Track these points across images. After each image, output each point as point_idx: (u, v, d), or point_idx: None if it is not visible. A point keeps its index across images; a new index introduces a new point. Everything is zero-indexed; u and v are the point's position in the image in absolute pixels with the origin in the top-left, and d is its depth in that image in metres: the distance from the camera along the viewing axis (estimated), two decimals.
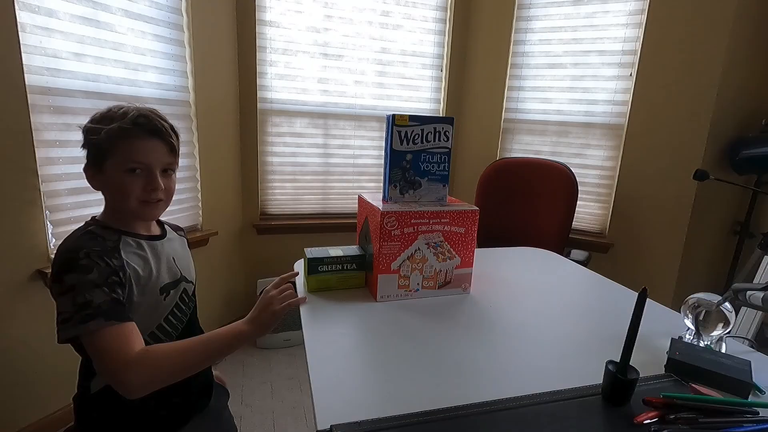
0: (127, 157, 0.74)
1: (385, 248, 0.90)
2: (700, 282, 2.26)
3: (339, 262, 0.97)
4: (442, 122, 0.96)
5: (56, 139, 1.48)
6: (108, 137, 0.73)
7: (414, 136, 0.95)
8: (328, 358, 0.69)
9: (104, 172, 0.75)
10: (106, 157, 0.75)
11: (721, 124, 2.03)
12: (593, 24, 2.18)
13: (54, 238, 1.51)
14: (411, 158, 0.96)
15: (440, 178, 1.00)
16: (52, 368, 1.59)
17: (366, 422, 0.54)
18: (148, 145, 0.76)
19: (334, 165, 2.47)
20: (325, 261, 0.96)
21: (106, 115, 0.76)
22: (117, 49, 1.62)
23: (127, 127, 0.74)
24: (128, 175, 0.75)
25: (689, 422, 0.56)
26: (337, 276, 0.98)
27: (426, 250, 0.93)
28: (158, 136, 0.77)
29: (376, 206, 0.92)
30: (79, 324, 0.66)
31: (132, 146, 0.75)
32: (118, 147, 0.74)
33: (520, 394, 0.61)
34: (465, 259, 0.97)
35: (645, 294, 0.57)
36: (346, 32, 2.31)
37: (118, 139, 0.74)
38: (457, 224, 0.94)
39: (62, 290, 0.68)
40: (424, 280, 0.95)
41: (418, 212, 0.91)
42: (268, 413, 1.80)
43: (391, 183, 0.97)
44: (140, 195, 0.77)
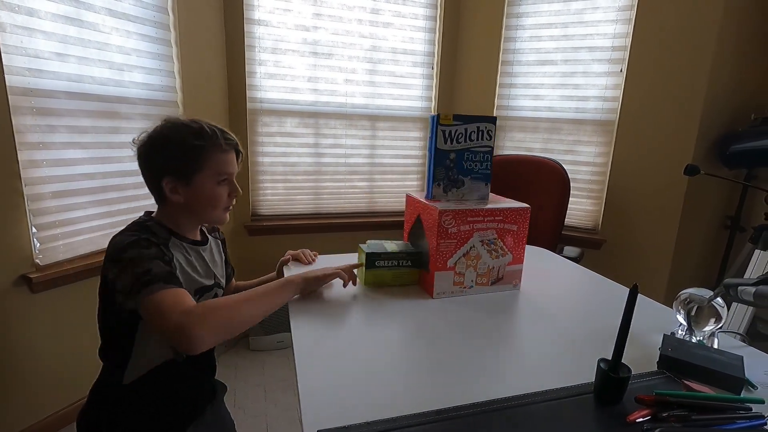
0: (218, 170, 0.83)
1: (442, 246, 0.91)
2: (692, 277, 2.27)
3: (395, 258, 0.98)
4: (485, 121, 0.99)
5: (39, 141, 1.45)
6: (206, 154, 0.81)
7: (458, 135, 0.97)
8: (316, 360, 0.67)
9: (192, 184, 0.82)
10: (197, 171, 0.82)
11: (710, 119, 2.04)
12: (583, 20, 2.18)
13: (38, 242, 1.48)
14: (454, 157, 0.98)
15: (483, 176, 1.01)
16: (37, 374, 1.56)
17: (354, 426, 0.53)
18: (231, 158, 0.86)
19: (325, 164, 2.45)
20: (383, 256, 0.97)
21: (195, 133, 0.81)
22: (101, 49, 1.59)
23: (220, 143, 0.83)
24: (218, 186, 0.84)
25: (682, 420, 0.55)
26: (393, 272, 0.98)
27: (480, 248, 0.95)
28: (236, 150, 0.88)
29: (432, 205, 0.93)
30: (142, 288, 0.70)
31: (222, 160, 0.84)
32: (211, 161, 0.82)
33: (511, 394, 0.60)
34: (516, 255, 0.98)
35: (636, 291, 0.56)
36: (336, 30, 2.29)
37: (211, 154, 0.82)
38: (510, 222, 0.96)
39: (122, 267, 0.72)
40: (478, 276, 0.96)
41: (473, 210, 0.92)
42: (261, 416, 1.78)
43: (435, 181, 0.99)
44: (226, 202, 0.87)
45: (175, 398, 0.86)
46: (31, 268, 1.48)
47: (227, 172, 0.85)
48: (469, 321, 0.83)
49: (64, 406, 1.65)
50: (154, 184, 0.83)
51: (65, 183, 1.53)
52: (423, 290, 0.98)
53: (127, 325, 0.79)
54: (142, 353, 0.80)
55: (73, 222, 1.57)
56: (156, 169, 0.82)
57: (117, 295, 0.73)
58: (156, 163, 0.82)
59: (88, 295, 1.68)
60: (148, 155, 0.83)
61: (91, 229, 1.64)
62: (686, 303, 0.77)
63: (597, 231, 2.32)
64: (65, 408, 1.65)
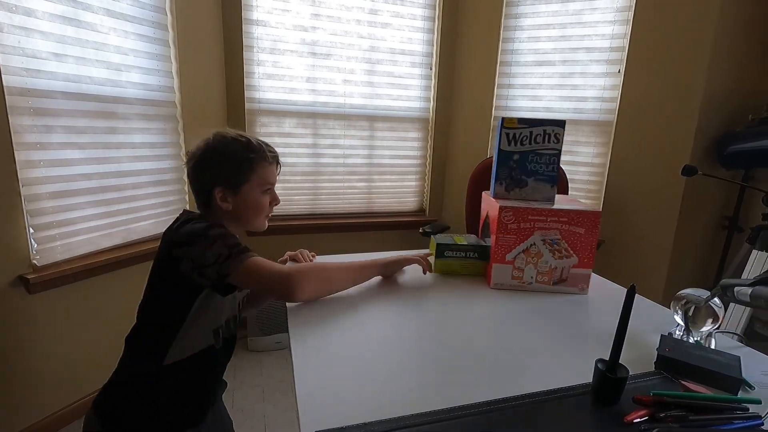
0: (263, 181, 0.91)
1: (501, 240, 0.96)
2: (689, 277, 2.27)
3: (463, 249, 1.06)
4: (552, 125, 1.00)
5: (37, 141, 1.45)
6: (255, 166, 0.89)
7: (522, 138, 1.00)
8: (314, 361, 0.67)
9: (240, 193, 0.89)
10: (245, 181, 0.89)
11: (708, 120, 2.05)
12: (581, 21, 2.18)
13: (36, 243, 1.48)
14: (518, 158, 1.01)
15: (548, 178, 1.03)
16: (35, 375, 1.56)
17: (351, 428, 0.53)
18: (274, 169, 0.94)
19: (323, 165, 2.45)
20: (451, 247, 1.06)
21: (245, 146, 0.88)
22: (99, 49, 1.59)
23: (267, 155, 0.91)
24: (263, 195, 0.92)
25: (679, 420, 0.55)
26: (460, 262, 1.07)
27: (542, 246, 0.96)
28: (277, 162, 0.95)
29: (496, 202, 0.98)
30: (239, 255, 0.79)
31: (266, 171, 0.91)
32: (257, 172, 0.90)
33: (509, 395, 0.60)
34: (583, 259, 0.98)
35: (633, 292, 0.56)
36: (334, 31, 2.29)
37: (261, 166, 0.90)
38: (577, 224, 0.96)
39: (210, 242, 0.79)
40: (539, 274, 0.98)
41: (535, 209, 0.95)
42: (259, 417, 1.78)
43: (498, 180, 1.03)
44: (269, 210, 0.95)
45: (205, 385, 0.92)
46: (29, 269, 1.47)
47: (270, 183, 0.93)
48: (466, 323, 0.83)
49: (62, 407, 1.65)
50: (204, 192, 0.89)
51: (63, 183, 1.53)
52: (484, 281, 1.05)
53: (181, 308, 0.83)
54: (187, 336, 0.84)
55: (71, 222, 1.57)
56: (208, 179, 0.88)
57: (204, 268, 0.78)
58: (209, 174, 0.88)
59: (87, 296, 1.68)
60: (202, 166, 0.89)
61: (89, 230, 1.63)
62: (684, 303, 0.77)
63: None
64: (63, 408, 1.65)
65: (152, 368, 0.84)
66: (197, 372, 0.88)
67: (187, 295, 0.82)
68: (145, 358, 0.85)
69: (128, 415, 0.84)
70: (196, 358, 0.86)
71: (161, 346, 0.83)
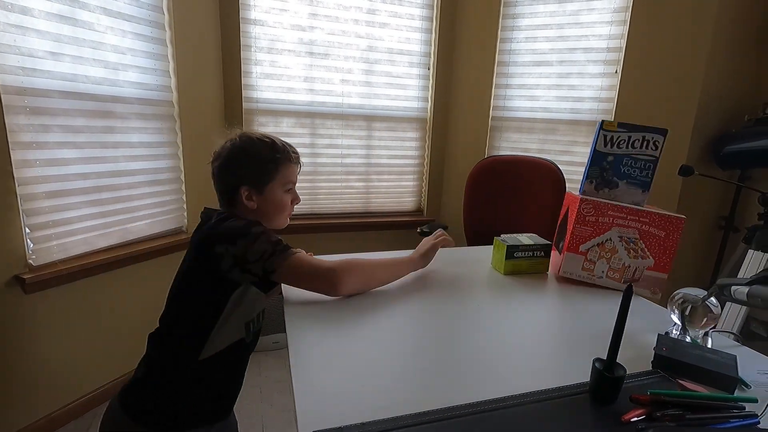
0: (286, 180, 0.94)
1: (577, 230, 0.99)
2: (686, 277, 2.28)
3: (530, 249, 1.09)
4: (653, 132, 1.02)
5: (33, 140, 1.44)
6: (279, 165, 0.92)
7: (619, 141, 1.02)
8: (311, 360, 0.67)
9: (264, 193, 0.92)
10: (269, 181, 0.92)
11: (705, 120, 2.06)
12: (579, 21, 2.19)
13: (32, 243, 1.47)
14: (612, 160, 1.03)
15: (641, 183, 1.04)
16: (31, 376, 1.55)
17: (349, 427, 0.52)
18: (295, 169, 0.97)
19: (321, 165, 2.44)
20: (520, 248, 1.08)
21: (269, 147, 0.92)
22: (96, 48, 1.59)
23: (288, 156, 0.94)
24: (285, 194, 0.95)
25: (676, 419, 0.55)
26: (528, 261, 1.10)
27: (618, 243, 0.98)
28: (298, 162, 0.98)
29: (577, 195, 1.01)
30: (284, 252, 0.83)
31: (289, 171, 0.94)
32: (281, 172, 0.93)
33: (506, 394, 0.60)
34: (660, 262, 0.99)
35: (630, 291, 0.56)
36: (332, 30, 2.29)
37: (282, 166, 0.93)
38: (657, 227, 0.97)
39: (253, 239, 0.82)
40: (610, 270, 1.00)
41: (616, 206, 0.97)
42: (257, 417, 1.77)
43: (588, 178, 1.04)
44: (291, 209, 0.98)
45: (236, 377, 0.95)
46: (24, 269, 1.47)
47: (292, 182, 0.96)
48: (464, 323, 0.83)
49: (59, 407, 1.64)
50: (230, 191, 0.92)
51: (59, 183, 1.52)
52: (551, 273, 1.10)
53: (217, 303, 0.85)
54: (221, 331, 0.86)
55: (67, 222, 1.56)
56: (235, 179, 0.91)
57: (247, 265, 0.81)
58: (235, 174, 0.91)
59: (83, 296, 1.67)
60: (228, 166, 0.92)
61: (85, 230, 1.63)
62: (680, 303, 0.77)
63: None
64: (60, 409, 1.64)
65: (190, 364, 0.86)
66: (230, 365, 0.91)
67: (224, 291, 0.85)
68: (181, 354, 0.87)
69: (165, 411, 0.86)
70: (229, 351, 0.88)
71: (197, 342, 0.85)
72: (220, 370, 0.89)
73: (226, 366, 0.91)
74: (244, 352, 0.94)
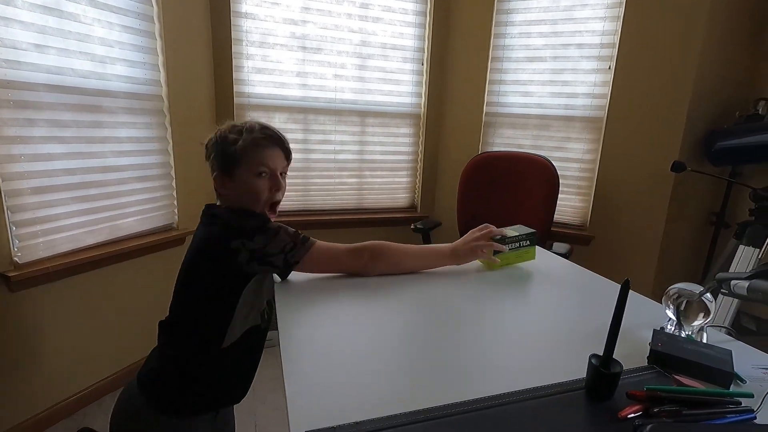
0: (255, 163, 0.88)
1: None
2: (678, 272, 2.30)
3: (517, 240, 1.08)
4: None
5: (17, 135, 1.40)
6: (244, 148, 0.87)
7: None
8: (304, 358, 0.66)
9: (234, 179, 0.88)
10: (237, 165, 0.87)
11: (697, 116, 2.07)
12: (572, 17, 2.18)
13: (17, 240, 1.44)
14: None
15: None
16: (16, 376, 1.52)
17: (342, 427, 0.51)
18: (274, 152, 0.90)
19: (314, 161, 2.42)
20: (507, 241, 1.06)
21: (236, 130, 0.88)
22: (82, 41, 1.55)
23: (259, 138, 0.88)
24: (257, 179, 0.88)
25: (673, 415, 0.55)
26: (515, 253, 1.09)
27: None
28: (279, 145, 0.91)
29: None
30: (305, 244, 0.86)
31: (261, 154, 0.88)
32: (250, 155, 0.87)
33: (502, 391, 0.59)
34: None
35: (627, 286, 0.56)
36: (325, 24, 2.26)
37: (253, 148, 0.87)
38: None
39: (271, 234, 0.83)
40: None
41: None
42: (249, 415, 1.76)
43: None
44: (268, 197, 0.90)
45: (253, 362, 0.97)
46: (10, 267, 1.43)
47: (265, 165, 0.89)
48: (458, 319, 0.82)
49: (48, 406, 1.61)
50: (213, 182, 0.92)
51: (45, 179, 1.49)
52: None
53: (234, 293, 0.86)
54: (239, 319, 0.87)
55: (54, 219, 1.53)
56: (211, 169, 0.91)
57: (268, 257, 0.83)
58: (211, 164, 0.91)
59: (71, 294, 1.64)
60: (207, 158, 0.92)
61: (73, 226, 1.59)
62: (675, 298, 0.77)
63: (585, 227, 2.34)
64: (49, 408, 1.61)
65: (212, 353, 0.87)
66: (248, 351, 0.93)
67: (241, 282, 0.85)
68: (202, 341, 0.87)
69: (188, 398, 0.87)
70: (247, 338, 0.90)
71: (220, 330, 0.86)
72: (241, 356, 0.91)
73: (245, 352, 0.92)
74: (261, 338, 0.96)
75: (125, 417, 0.89)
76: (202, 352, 0.87)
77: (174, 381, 0.87)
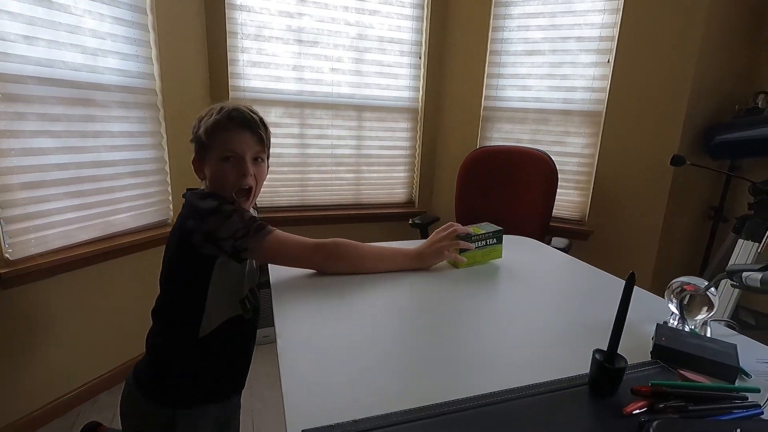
0: (222, 147, 0.84)
1: None
2: (677, 266, 2.29)
3: (483, 238, 1.04)
4: None
5: (6, 129, 1.37)
6: (207, 131, 0.84)
7: None
8: (301, 356, 0.64)
9: (206, 162, 0.87)
10: (207, 149, 0.86)
11: (696, 110, 2.05)
12: (571, 10, 2.16)
13: (8, 236, 1.41)
14: None
15: None
16: (8, 375, 1.50)
17: (341, 425, 0.50)
18: (240, 136, 0.85)
19: (311, 156, 2.40)
20: (473, 239, 1.02)
21: (207, 112, 0.87)
22: (73, 32, 1.51)
23: (222, 120, 0.84)
24: (224, 163, 0.85)
25: (679, 410, 0.53)
26: (482, 251, 1.04)
27: None
28: (248, 128, 0.86)
29: None
30: (259, 231, 0.81)
31: (226, 137, 0.84)
32: (216, 139, 0.84)
33: (504, 387, 0.58)
34: None
35: (633, 279, 0.54)
36: (321, 17, 2.23)
37: (215, 131, 0.84)
38: None
39: (224, 217, 0.79)
40: None
41: None
42: (246, 412, 1.74)
43: None
44: (234, 182, 0.86)
45: (239, 354, 0.95)
46: (1, 264, 1.41)
47: (230, 150, 0.85)
48: (458, 315, 0.81)
49: (41, 405, 1.59)
50: None
51: (35, 174, 1.46)
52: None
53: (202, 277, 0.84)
54: (214, 307, 0.86)
55: (45, 215, 1.50)
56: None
57: (218, 242, 0.79)
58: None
59: (65, 291, 1.61)
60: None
61: (65, 222, 1.57)
62: (679, 292, 0.76)
63: (584, 222, 2.33)
64: (43, 407, 1.59)
65: (190, 341, 0.86)
66: (231, 341, 0.91)
67: (205, 266, 0.83)
68: (181, 331, 0.87)
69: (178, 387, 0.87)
70: (228, 328, 0.88)
71: (194, 318, 0.85)
72: (222, 347, 0.89)
73: (228, 343, 0.90)
74: (246, 329, 0.94)
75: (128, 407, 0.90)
76: (180, 341, 0.87)
77: (161, 370, 0.87)
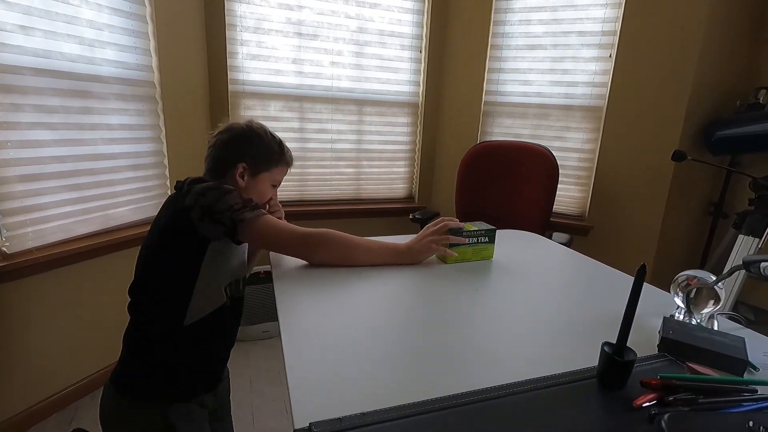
0: (277, 177, 1.00)
1: None
2: (677, 261, 2.30)
3: (474, 235, 1.03)
4: None
5: (3, 120, 1.36)
6: (278, 161, 0.98)
7: None
8: (306, 348, 0.63)
9: (256, 178, 0.96)
10: (265, 171, 0.97)
11: (697, 105, 2.05)
12: (573, 4, 2.15)
13: (5, 230, 1.39)
14: None
15: None
16: (5, 370, 1.48)
17: (348, 418, 0.49)
18: (286, 172, 1.03)
19: (311, 150, 2.38)
20: (465, 234, 1.01)
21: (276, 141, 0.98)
22: (70, 23, 1.49)
23: (287, 160, 1.00)
24: (270, 189, 1.00)
25: (689, 403, 0.53)
26: (472, 248, 1.03)
27: None
28: (290, 166, 1.03)
29: None
30: (254, 210, 0.85)
31: (282, 172, 1.01)
32: (278, 169, 0.99)
33: (511, 381, 0.57)
34: None
35: (644, 271, 0.54)
36: (321, 10, 2.21)
37: (281, 165, 0.99)
38: None
39: (224, 192, 0.84)
40: None
41: None
42: (247, 407, 1.74)
43: None
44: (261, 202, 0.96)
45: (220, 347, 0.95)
46: None
47: (279, 182, 1.02)
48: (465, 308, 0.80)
49: (39, 401, 1.58)
50: (228, 162, 0.94)
51: (33, 166, 1.44)
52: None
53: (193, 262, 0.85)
54: (203, 293, 0.86)
55: (42, 208, 1.48)
56: (239, 153, 0.94)
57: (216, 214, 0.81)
58: (242, 149, 0.94)
59: (62, 285, 1.60)
60: (240, 140, 0.94)
61: (62, 216, 1.55)
62: (685, 285, 0.75)
63: (584, 217, 2.32)
64: (40, 402, 1.58)
65: (173, 330, 0.85)
66: (214, 332, 0.91)
67: (197, 248, 0.84)
68: (163, 321, 0.86)
69: (152, 381, 0.86)
70: (213, 317, 0.88)
71: (180, 306, 0.85)
72: (205, 337, 0.90)
73: (211, 333, 0.91)
74: (227, 317, 0.93)
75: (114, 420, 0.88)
76: (163, 331, 0.86)
77: (148, 367, 0.87)
